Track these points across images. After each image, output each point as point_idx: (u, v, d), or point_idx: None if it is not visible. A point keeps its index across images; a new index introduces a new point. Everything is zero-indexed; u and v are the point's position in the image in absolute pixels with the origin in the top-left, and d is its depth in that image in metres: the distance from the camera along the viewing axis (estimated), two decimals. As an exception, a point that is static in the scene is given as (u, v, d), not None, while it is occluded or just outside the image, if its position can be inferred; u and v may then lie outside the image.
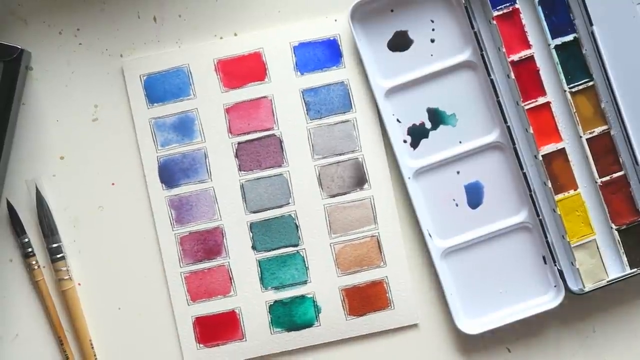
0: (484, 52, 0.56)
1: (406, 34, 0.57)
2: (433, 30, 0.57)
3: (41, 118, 0.58)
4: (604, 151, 0.56)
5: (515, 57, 0.56)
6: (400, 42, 0.57)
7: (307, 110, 0.57)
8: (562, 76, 0.56)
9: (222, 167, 0.57)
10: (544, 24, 0.56)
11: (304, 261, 0.57)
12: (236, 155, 0.57)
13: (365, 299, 0.57)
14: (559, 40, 0.56)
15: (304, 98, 0.57)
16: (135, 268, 0.58)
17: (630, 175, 0.56)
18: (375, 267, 0.57)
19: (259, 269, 0.57)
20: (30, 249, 0.57)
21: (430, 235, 0.57)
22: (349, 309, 0.57)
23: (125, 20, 0.58)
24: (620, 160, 0.56)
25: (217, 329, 0.57)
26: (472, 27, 0.56)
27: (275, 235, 0.57)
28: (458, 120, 0.57)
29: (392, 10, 0.57)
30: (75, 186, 0.58)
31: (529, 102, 0.56)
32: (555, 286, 0.57)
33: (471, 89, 0.57)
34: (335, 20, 0.57)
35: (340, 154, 0.57)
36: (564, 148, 0.56)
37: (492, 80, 0.56)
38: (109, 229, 0.58)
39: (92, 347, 0.57)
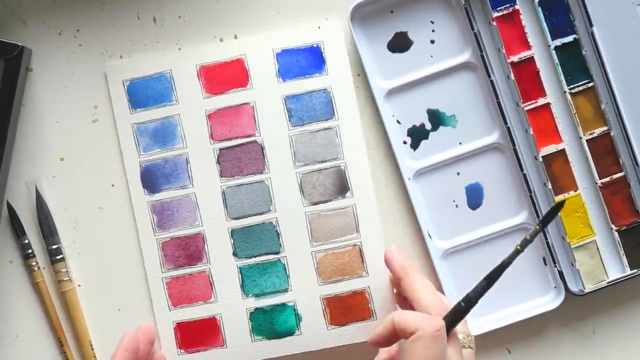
0: (484, 53, 0.56)
1: (406, 35, 0.57)
2: (433, 31, 0.57)
3: (41, 119, 0.58)
4: (604, 152, 0.56)
5: (515, 58, 0.56)
6: (400, 43, 0.57)
7: (289, 117, 0.56)
8: (562, 77, 0.56)
9: (204, 173, 0.57)
10: (544, 25, 0.56)
11: (285, 269, 0.56)
12: (217, 162, 0.56)
13: (347, 309, 0.56)
14: (559, 41, 0.56)
15: (286, 105, 0.56)
16: (133, 270, 0.58)
17: (630, 176, 0.56)
18: (357, 277, 0.56)
19: (240, 275, 0.56)
20: (30, 250, 0.57)
21: (430, 236, 0.57)
22: (330, 318, 0.56)
23: (124, 21, 0.58)
24: (620, 161, 0.56)
25: (198, 335, 0.56)
26: (472, 28, 0.56)
27: (256, 243, 0.56)
28: (458, 122, 0.57)
29: (392, 12, 0.57)
30: (75, 187, 0.58)
31: (529, 103, 0.56)
32: (555, 287, 0.57)
33: (471, 90, 0.57)
34: (319, 27, 0.56)
35: (322, 162, 0.56)
36: (564, 149, 0.56)
37: (492, 82, 0.56)
38: (108, 230, 0.58)
39: (92, 349, 0.57)
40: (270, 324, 0.56)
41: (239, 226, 0.56)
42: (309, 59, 0.56)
